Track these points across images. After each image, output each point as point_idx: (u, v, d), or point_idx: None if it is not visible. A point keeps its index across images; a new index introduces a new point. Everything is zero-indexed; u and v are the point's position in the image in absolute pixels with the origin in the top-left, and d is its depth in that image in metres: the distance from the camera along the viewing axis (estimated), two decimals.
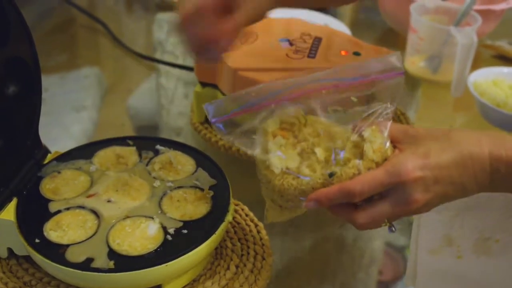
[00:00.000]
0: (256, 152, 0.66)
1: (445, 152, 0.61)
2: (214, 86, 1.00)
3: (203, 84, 1.02)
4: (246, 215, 0.85)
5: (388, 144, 0.65)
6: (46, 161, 0.83)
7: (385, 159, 0.64)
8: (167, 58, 1.33)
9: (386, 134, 0.65)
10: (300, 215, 0.68)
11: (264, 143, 0.66)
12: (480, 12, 1.26)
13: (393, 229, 0.65)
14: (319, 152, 0.65)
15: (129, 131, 1.13)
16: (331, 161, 0.65)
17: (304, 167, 0.65)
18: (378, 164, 0.64)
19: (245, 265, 0.78)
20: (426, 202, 0.62)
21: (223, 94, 0.98)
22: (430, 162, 0.61)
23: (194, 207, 0.76)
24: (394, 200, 0.62)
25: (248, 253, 0.80)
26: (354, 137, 0.65)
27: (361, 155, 0.64)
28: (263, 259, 0.79)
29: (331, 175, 0.64)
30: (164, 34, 1.45)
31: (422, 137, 0.64)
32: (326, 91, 0.67)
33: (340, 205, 0.64)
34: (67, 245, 0.71)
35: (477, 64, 1.25)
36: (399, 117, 1.10)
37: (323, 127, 0.67)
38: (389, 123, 0.65)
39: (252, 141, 0.66)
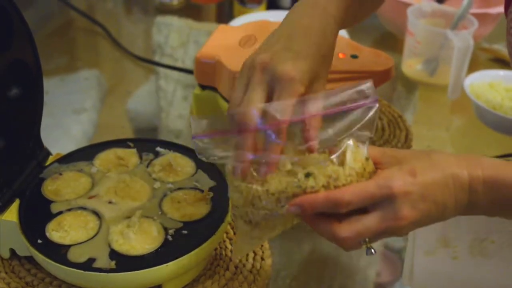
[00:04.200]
0: (228, 167, 0.65)
1: (429, 170, 0.61)
2: (214, 89, 1.01)
3: (203, 87, 1.02)
4: None
5: (368, 159, 0.63)
6: (47, 163, 0.84)
7: (365, 170, 0.63)
8: (166, 61, 1.34)
9: (365, 148, 0.64)
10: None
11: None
12: (477, 15, 1.27)
13: (372, 251, 0.62)
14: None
15: (129, 134, 1.14)
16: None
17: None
18: (358, 175, 0.62)
19: (244, 266, 0.79)
20: (413, 221, 0.61)
21: (222, 96, 0.98)
22: (418, 179, 0.61)
23: (194, 208, 0.77)
24: (381, 214, 0.60)
25: (247, 254, 0.80)
26: (334, 157, 0.63)
27: (341, 164, 0.63)
28: (262, 259, 0.80)
29: (307, 175, 0.61)
30: (163, 37, 1.46)
31: (403, 156, 0.63)
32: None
33: (322, 217, 0.62)
34: (69, 246, 0.72)
35: (473, 67, 1.26)
36: (396, 120, 1.11)
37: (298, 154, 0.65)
38: (367, 141, 0.64)
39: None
